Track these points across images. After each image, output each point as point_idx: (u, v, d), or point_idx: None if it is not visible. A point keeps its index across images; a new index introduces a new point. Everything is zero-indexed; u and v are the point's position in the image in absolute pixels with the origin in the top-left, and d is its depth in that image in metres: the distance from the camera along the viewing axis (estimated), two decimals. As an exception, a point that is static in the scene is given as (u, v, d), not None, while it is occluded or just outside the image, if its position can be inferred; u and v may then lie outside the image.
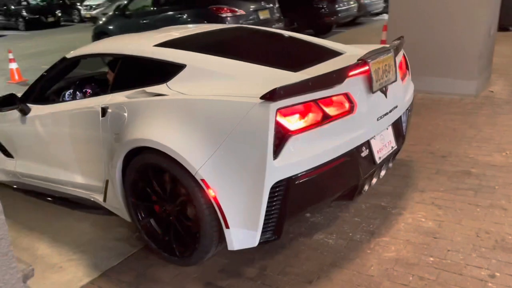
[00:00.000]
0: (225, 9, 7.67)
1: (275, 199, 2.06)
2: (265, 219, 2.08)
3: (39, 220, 3.21)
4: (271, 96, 1.95)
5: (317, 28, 10.62)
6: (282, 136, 2.00)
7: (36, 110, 3.14)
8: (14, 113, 3.22)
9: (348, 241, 2.58)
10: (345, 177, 2.34)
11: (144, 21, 8.71)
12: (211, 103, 2.16)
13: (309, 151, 2.08)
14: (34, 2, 21.61)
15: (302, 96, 2.05)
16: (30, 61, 11.27)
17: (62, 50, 12.99)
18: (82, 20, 21.02)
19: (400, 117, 2.75)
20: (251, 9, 7.99)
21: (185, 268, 2.45)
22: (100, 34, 9.53)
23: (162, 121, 2.27)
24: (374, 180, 2.60)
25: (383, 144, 2.56)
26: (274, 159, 1.99)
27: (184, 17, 8.06)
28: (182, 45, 2.75)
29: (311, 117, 2.09)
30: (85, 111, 2.74)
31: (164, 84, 2.45)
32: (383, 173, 2.70)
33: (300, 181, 2.08)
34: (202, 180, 2.10)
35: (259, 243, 2.13)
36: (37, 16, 19.77)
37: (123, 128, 2.45)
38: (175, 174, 2.22)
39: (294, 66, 2.43)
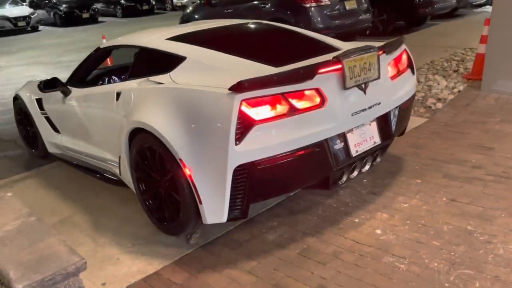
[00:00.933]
0: (310, -2, 7.36)
1: (239, 181, 2.30)
2: (231, 199, 2.33)
3: (105, 206, 3.28)
4: (236, 87, 2.18)
5: (409, 20, 9.87)
6: (246, 124, 2.21)
7: (75, 92, 3.59)
8: (59, 94, 3.70)
9: (423, 269, 2.25)
10: (312, 166, 2.50)
11: (228, 11, 8.71)
12: (191, 92, 2.45)
13: (273, 140, 2.28)
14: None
15: (270, 89, 2.25)
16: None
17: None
18: (174, 8, 21.86)
19: (388, 113, 2.84)
20: (337, -1, 7.60)
21: (238, 277, 2.32)
22: (185, 22, 9.75)
23: (155, 107, 2.58)
24: (355, 173, 2.75)
25: (362, 139, 2.70)
26: (236, 145, 2.21)
27: (267, 6, 7.90)
28: (190, 39, 3.07)
29: (277, 109, 2.29)
30: (106, 95, 3.15)
31: (167, 74, 2.73)
32: (366, 167, 2.83)
33: (263, 166, 2.29)
34: (180, 160, 2.38)
35: (228, 220, 2.40)
36: (133, 4, 20.93)
37: (129, 111, 2.80)
38: (162, 153, 2.51)
39: (280, 61, 2.60)
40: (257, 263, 2.41)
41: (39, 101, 4.12)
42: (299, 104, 2.35)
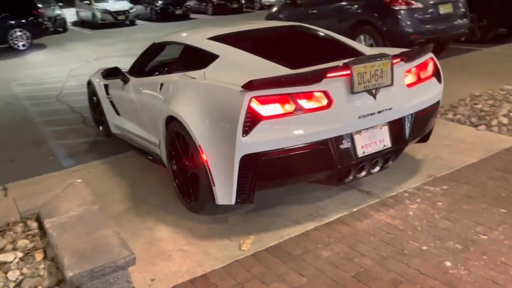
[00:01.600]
0: (400, 1, 6.95)
1: (245, 169, 2.56)
2: (238, 184, 2.61)
3: (170, 199, 3.34)
4: (247, 86, 2.45)
5: (512, 27, 8.95)
6: (254, 119, 2.48)
7: (132, 80, 4.04)
8: (120, 82, 4.18)
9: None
10: (316, 162, 2.71)
11: (313, 11, 8.55)
12: (213, 87, 2.82)
13: (278, 135, 2.52)
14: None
15: (278, 89, 2.50)
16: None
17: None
18: (262, 7, 22.11)
19: (401, 119, 2.95)
20: (430, 2, 7.07)
21: (286, 291, 2.21)
22: (270, 22, 9.78)
23: (185, 99, 2.96)
24: (363, 173, 2.90)
25: (371, 141, 2.83)
26: (243, 136, 2.48)
27: (354, 8, 7.61)
28: (228, 39, 3.41)
29: (284, 107, 2.54)
30: (153, 85, 3.57)
31: (202, 70, 3.08)
32: (376, 169, 2.96)
33: (267, 157, 2.55)
34: (199, 146, 2.71)
35: (236, 203, 2.68)
36: (224, 2, 21.53)
37: (167, 100, 3.18)
38: (187, 139, 2.85)
39: (299, 64, 2.84)
40: (307, 281, 2.28)
41: (106, 87, 4.67)
42: (306, 104, 2.60)
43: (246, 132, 2.49)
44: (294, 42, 3.62)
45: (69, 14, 21.47)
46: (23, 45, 13.65)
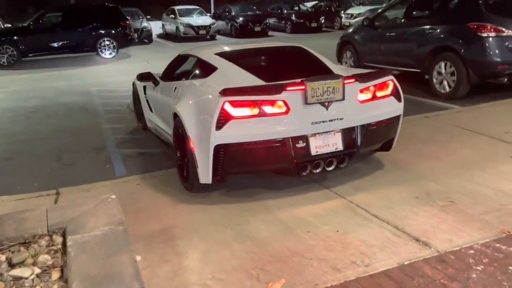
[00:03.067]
0: (488, 27, 6.32)
1: (217, 155, 3.28)
2: (213, 167, 3.33)
3: (204, 225, 3.19)
4: (222, 92, 3.20)
5: None
6: (225, 118, 3.19)
7: (161, 84, 4.88)
8: (152, 84, 5.08)
9: None
10: (274, 155, 3.35)
11: (391, 34, 8.12)
12: (202, 92, 3.65)
13: (244, 131, 3.22)
14: (304, 8, 23.63)
15: (247, 96, 3.23)
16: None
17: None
18: (341, 27, 21.75)
19: (352, 128, 3.53)
20: (525, 30, 6.35)
21: None
22: (344, 43, 9.46)
23: (185, 100, 3.77)
24: (319, 170, 3.49)
25: (324, 143, 3.44)
26: (216, 130, 3.19)
27: (436, 32, 7.06)
28: (229, 55, 4.24)
29: (250, 111, 3.24)
30: (170, 88, 4.41)
31: (205, 79, 3.93)
32: (331, 168, 3.53)
33: (235, 148, 3.25)
34: (189, 136, 3.46)
35: (212, 182, 3.41)
36: (302, 21, 21.51)
37: (176, 100, 3.94)
38: (182, 131, 3.64)
39: (274, 78, 3.54)
40: None
41: (144, 88, 5.51)
42: (268, 109, 3.28)
43: (219, 127, 3.21)
44: (280, 60, 4.51)
45: (156, 27, 22.77)
46: (110, 54, 14.57)
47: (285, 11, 22.70)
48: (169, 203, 3.63)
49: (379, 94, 3.71)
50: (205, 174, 3.40)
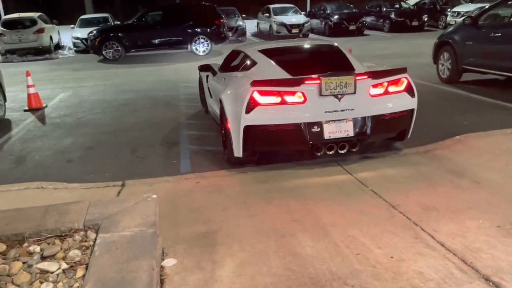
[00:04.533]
0: None
1: (246, 134, 4.09)
2: (243, 144, 4.16)
3: (249, 235, 3.04)
4: (252, 83, 3.98)
5: None
6: (254, 104, 4.00)
7: (218, 74, 5.61)
8: (211, 74, 5.82)
9: None
10: (292, 137, 4.13)
11: (496, 35, 7.19)
12: (241, 82, 4.38)
13: (268, 116, 4.03)
14: (406, 6, 22.25)
15: (272, 87, 4.03)
16: (371, 62, 11.59)
17: (406, 55, 12.79)
18: (446, 26, 20.06)
19: (364, 118, 4.19)
20: None
21: None
22: (442, 43, 8.63)
23: (228, 88, 4.51)
24: (331, 152, 4.20)
25: (337, 129, 4.13)
26: (246, 114, 3.99)
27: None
28: (269, 51, 4.95)
29: (274, 99, 4.03)
30: (222, 78, 5.14)
31: (248, 71, 4.70)
32: (343, 151, 4.23)
33: (260, 129, 4.07)
34: (227, 118, 4.26)
35: (243, 155, 4.26)
36: (402, 19, 20.26)
37: (223, 88, 4.72)
38: (224, 113, 4.41)
39: (300, 72, 4.23)
40: None
41: (207, 77, 6.19)
42: (289, 99, 4.00)
43: (248, 111, 4.00)
44: (311, 57, 5.24)
45: (252, 26, 23.17)
46: (204, 51, 15.10)
47: (384, 9, 21.57)
48: (221, 206, 3.55)
49: (391, 89, 4.29)
50: (237, 149, 4.24)
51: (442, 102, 7.15)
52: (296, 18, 20.01)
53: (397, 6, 21.87)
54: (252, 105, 3.98)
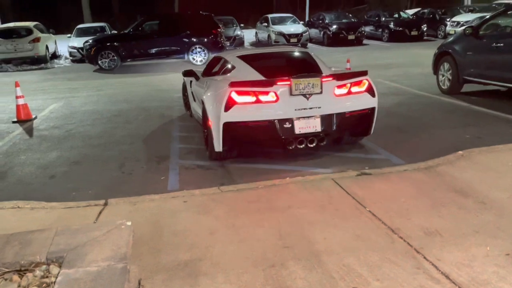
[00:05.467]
0: None
1: (225, 130, 4.54)
2: (222, 139, 4.61)
3: (236, 266, 2.79)
4: (230, 84, 4.48)
5: None
6: (232, 103, 4.46)
7: (200, 78, 6.02)
8: (195, 79, 6.30)
9: None
10: (266, 133, 4.58)
11: (498, 45, 6.99)
12: (219, 84, 4.85)
13: (245, 113, 4.50)
14: (405, 16, 22.16)
15: (247, 87, 4.50)
16: (369, 72, 11.37)
17: (405, 65, 12.59)
18: (445, 36, 19.94)
19: (329, 115, 4.66)
20: None
21: None
22: (442, 54, 8.42)
23: (209, 90, 5.01)
24: (302, 146, 4.69)
25: (306, 125, 4.60)
26: (225, 111, 4.46)
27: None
28: (246, 57, 5.41)
29: (249, 98, 4.51)
30: (204, 82, 5.54)
31: (227, 75, 5.18)
32: (312, 145, 4.72)
33: (238, 125, 4.52)
34: (208, 116, 4.77)
35: (222, 150, 4.71)
36: (401, 29, 20.13)
37: (204, 90, 5.21)
38: (204, 113, 4.99)
39: (273, 75, 4.70)
40: None
41: (190, 82, 6.64)
42: (263, 98, 4.48)
43: (226, 109, 4.43)
44: (284, 62, 5.67)
45: (250, 35, 23.05)
46: (201, 61, 14.91)
47: (383, 19, 21.47)
48: (208, 229, 3.29)
49: (354, 90, 4.77)
50: (217, 144, 4.66)
51: (443, 114, 6.92)
52: (294, 27, 19.88)
53: (396, 15, 21.79)
54: (230, 104, 4.44)
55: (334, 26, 19.94)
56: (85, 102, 9.26)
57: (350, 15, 22.77)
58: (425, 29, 20.53)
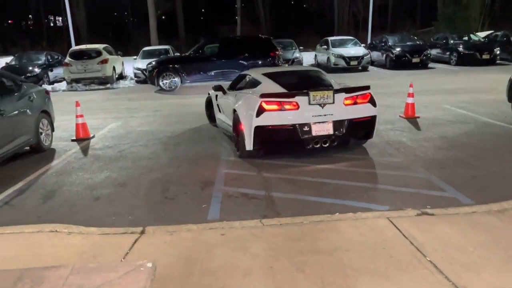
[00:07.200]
0: None
1: (256, 133, 5.61)
2: (253, 140, 5.67)
3: None
4: (261, 95, 5.60)
5: None
6: (261, 110, 5.53)
7: (228, 92, 7.10)
8: (222, 93, 7.30)
9: None
10: (289, 134, 5.61)
11: None
12: (251, 96, 5.95)
13: (272, 119, 5.56)
14: (475, 38, 20.88)
15: (274, 98, 5.59)
16: (435, 98, 10.65)
17: (475, 91, 11.66)
18: (522, 59, 18.46)
19: (340, 121, 5.72)
20: None
21: None
22: (518, 79, 7.62)
23: (240, 100, 6.11)
24: (318, 145, 5.74)
25: (321, 129, 5.66)
26: (256, 117, 5.54)
27: None
28: (270, 74, 6.60)
29: (275, 107, 5.56)
30: (233, 95, 6.67)
31: (254, 89, 6.26)
32: (326, 145, 5.75)
33: (266, 128, 5.56)
34: (241, 121, 5.85)
35: (253, 149, 5.75)
36: (471, 52, 18.91)
37: (235, 101, 6.32)
38: (237, 119, 6.04)
39: (294, 89, 5.85)
40: None
41: (216, 96, 7.75)
42: (286, 106, 5.61)
43: (257, 115, 5.53)
44: (301, 78, 6.80)
45: (309, 58, 22.85)
46: (258, 83, 14.84)
47: (451, 41, 20.34)
48: (242, 269, 3.00)
49: (359, 101, 5.83)
50: (249, 144, 5.72)
51: (520, 147, 6.17)
52: (355, 50, 19.36)
53: (465, 38, 20.57)
54: (260, 111, 5.52)
55: (398, 49, 19.17)
56: (141, 122, 9.42)
57: (415, 37, 21.85)
58: (498, 52, 19.14)
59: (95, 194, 4.97)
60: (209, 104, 8.48)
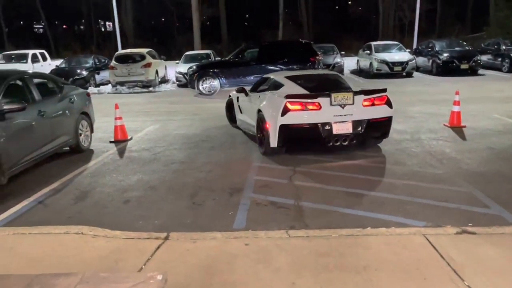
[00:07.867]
0: None
1: (280, 131, 6.03)
2: (278, 137, 6.08)
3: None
4: (286, 96, 6.02)
5: None
6: (286, 109, 5.95)
7: (250, 94, 7.59)
8: (244, 95, 7.78)
9: None
10: (312, 132, 6.00)
11: None
12: (275, 96, 6.40)
13: (296, 118, 5.98)
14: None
15: (298, 99, 6.01)
16: (483, 106, 10.05)
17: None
18: None
19: (359, 120, 6.07)
20: None
21: None
22: None
23: (265, 101, 6.58)
24: (338, 143, 6.08)
25: (342, 128, 6.02)
26: (281, 116, 5.95)
27: None
28: (293, 77, 7.08)
29: (299, 107, 5.99)
30: (257, 96, 7.16)
31: (278, 91, 6.66)
32: (345, 143, 6.11)
33: (291, 127, 5.99)
34: (266, 120, 6.25)
35: (277, 145, 6.14)
36: (525, 58, 17.83)
37: (259, 102, 6.74)
38: (262, 118, 6.43)
39: (316, 90, 6.29)
40: None
41: (237, 98, 8.22)
42: (309, 107, 5.98)
43: (282, 115, 5.93)
44: (321, 80, 7.19)
45: (351, 63, 22.39)
46: (297, 88, 14.66)
47: (504, 47, 19.26)
48: (263, 284, 2.86)
49: (377, 102, 6.18)
50: (273, 141, 6.10)
51: None
52: (399, 55, 18.74)
53: (522, 44, 19.42)
54: (285, 111, 5.90)
55: (445, 54, 18.36)
56: (179, 126, 9.50)
57: (465, 43, 20.89)
58: (556, 58, 17.92)
59: (125, 197, 5.00)
60: (229, 106, 8.94)
